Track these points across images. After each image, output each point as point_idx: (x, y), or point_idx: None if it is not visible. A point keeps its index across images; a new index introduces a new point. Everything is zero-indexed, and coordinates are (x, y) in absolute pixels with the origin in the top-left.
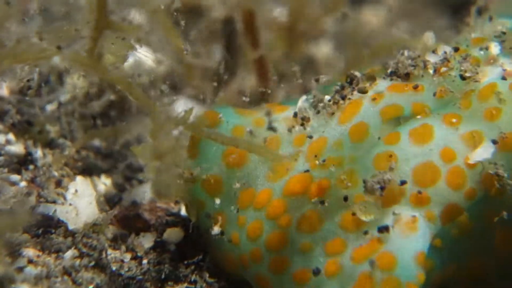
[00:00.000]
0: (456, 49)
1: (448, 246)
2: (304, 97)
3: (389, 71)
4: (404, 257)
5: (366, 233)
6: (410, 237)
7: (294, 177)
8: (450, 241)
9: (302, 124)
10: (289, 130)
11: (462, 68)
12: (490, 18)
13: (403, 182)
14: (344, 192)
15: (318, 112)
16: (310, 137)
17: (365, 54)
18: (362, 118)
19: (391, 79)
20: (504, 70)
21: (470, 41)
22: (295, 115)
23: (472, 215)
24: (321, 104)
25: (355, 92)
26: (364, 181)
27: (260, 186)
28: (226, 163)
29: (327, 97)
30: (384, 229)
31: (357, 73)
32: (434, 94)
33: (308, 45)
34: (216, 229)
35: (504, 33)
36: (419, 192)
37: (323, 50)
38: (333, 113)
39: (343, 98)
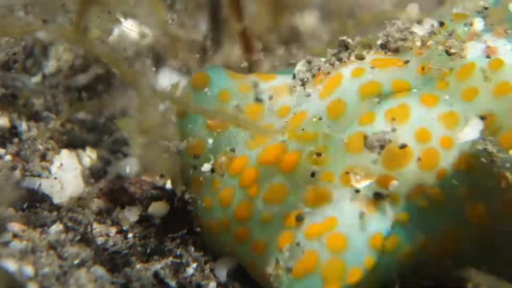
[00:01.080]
0: (441, 24)
1: (416, 218)
2: (302, 61)
3: (378, 42)
4: (356, 239)
5: (358, 191)
6: (366, 218)
7: (270, 145)
8: (418, 212)
9: (302, 85)
10: (291, 91)
11: (447, 44)
12: None
13: (403, 146)
14: (313, 168)
15: (314, 75)
16: (309, 95)
17: (349, 25)
18: (341, 94)
19: (385, 52)
20: (488, 47)
21: (452, 15)
22: (294, 77)
23: (444, 189)
24: (316, 67)
25: (352, 58)
26: (365, 137)
27: (239, 152)
28: (209, 127)
29: (323, 59)
30: (378, 195)
31: (349, 40)
32: (423, 69)
33: (293, 16)
34: (206, 166)
35: (486, 8)
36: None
37: (308, 21)
38: (328, 73)
39: (339, 60)
